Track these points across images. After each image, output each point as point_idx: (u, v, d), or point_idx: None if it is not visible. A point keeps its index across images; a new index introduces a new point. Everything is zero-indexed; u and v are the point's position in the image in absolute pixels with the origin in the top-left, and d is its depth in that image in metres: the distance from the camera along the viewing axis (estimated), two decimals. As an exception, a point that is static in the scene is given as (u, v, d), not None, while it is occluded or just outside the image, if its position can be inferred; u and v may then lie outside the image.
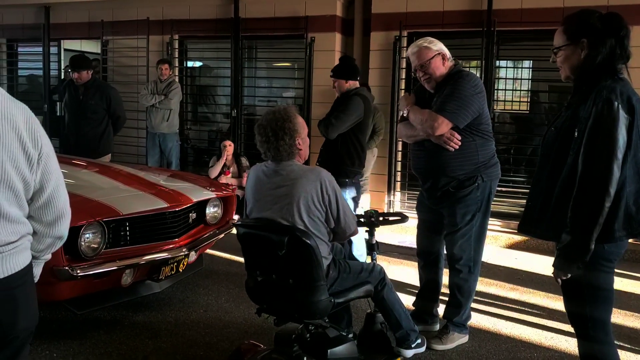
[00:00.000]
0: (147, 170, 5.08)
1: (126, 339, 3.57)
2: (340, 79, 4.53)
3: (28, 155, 1.65)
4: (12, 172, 1.61)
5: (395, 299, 3.20)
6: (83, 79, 5.82)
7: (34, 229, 1.74)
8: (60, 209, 1.77)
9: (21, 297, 1.66)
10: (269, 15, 7.56)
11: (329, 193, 2.71)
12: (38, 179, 1.69)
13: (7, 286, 1.62)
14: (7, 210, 1.62)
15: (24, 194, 1.66)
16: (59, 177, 1.77)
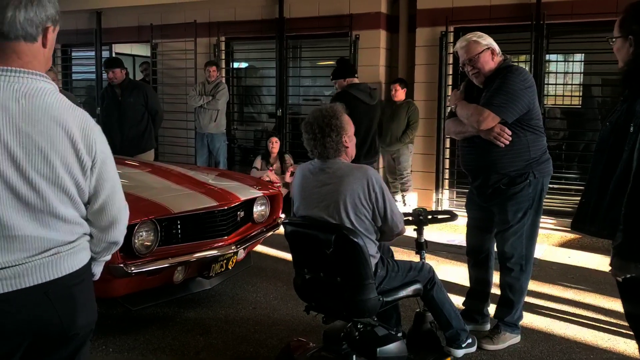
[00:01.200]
0: (196, 169, 5.18)
1: (178, 335, 3.65)
2: (339, 79, 5.21)
3: (82, 162, 1.66)
4: (65, 177, 1.63)
5: (445, 298, 3.17)
6: (117, 77, 6.03)
7: (91, 232, 1.77)
8: (114, 215, 1.79)
9: (79, 295, 1.70)
10: (313, 15, 7.59)
11: (375, 191, 2.70)
12: (92, 185, 1.71)
13: (66, 285, 1.65)
14: (63, 212, 1.65)
15: (79, 197, 1.69)
16: (115, 184, 1.78)
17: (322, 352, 2.86)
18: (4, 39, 1.59)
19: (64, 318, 1.65)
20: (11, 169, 1.56)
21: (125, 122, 6.03)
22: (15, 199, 1.57)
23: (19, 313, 1.58)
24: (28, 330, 1.60)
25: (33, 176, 1.58)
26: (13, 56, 1.60)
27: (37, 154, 1.58)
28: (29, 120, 1.57)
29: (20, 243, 1.58)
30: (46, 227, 1.62)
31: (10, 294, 1.56)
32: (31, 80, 1.62)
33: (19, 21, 1.58)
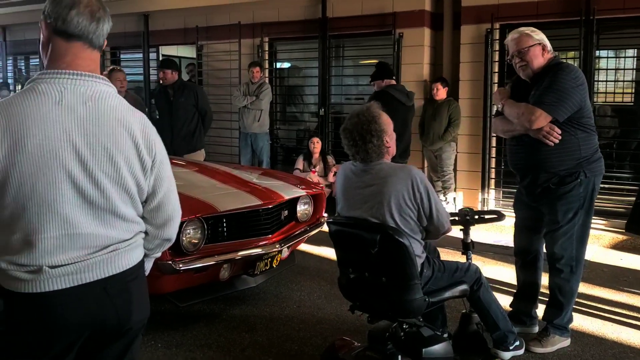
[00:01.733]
0: (241, 168, 5.25)
1: (224, 332, 3.70)
2: (377, 81, 5.56)
3: (143, 161, 1.73)
4: (127, 176, 1.70)
5: (492, 299, 3.12)
6: (168, 78, 6.14)
7: (146, 230, 1.83)
8: (170, 214, 1.85)
9: (135, 290, 1.76)
10: (356, 14, 7.58)
11: (420, 191, 2.67)
12: (151, 184, 1.77)
13: (123, 280, 1.71)
14: (124, 211, 1.71)
15: (138, 196, 1.75)
16: (171, 183, 1.85)
17: (367, 351, 2.85)
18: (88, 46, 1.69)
19: (121, 313, 1.71)
20: (79, 169, 1.62)
21: (176, 121, 6.16)
22: (81, 198, 1.63)
23: (79, 307, 1.64)
24: (87, 324, 1.66)
25: (99, 176, 1.64)
26: (78, 61, 1.68)
27: (103, 154, 1.65)
28: (96, 122, 1.65)
29: (82, 241, 1.64)
30: (107, 226, 1.68)
31: (72, 289, 1.62)
32: (95, 83, 1.68)
33: (103, 33, 1.71)
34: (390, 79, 5.62)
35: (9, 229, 1.60)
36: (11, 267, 1.61)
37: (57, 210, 1.60)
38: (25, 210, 1.58)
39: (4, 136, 1.56)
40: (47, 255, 1.60)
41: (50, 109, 1.60)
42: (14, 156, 1.56)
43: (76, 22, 1.66)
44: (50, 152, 1.59)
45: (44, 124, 1.59)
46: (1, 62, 11.29)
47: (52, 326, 1.62)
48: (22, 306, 1.62)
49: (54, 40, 1.68)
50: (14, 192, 1.57)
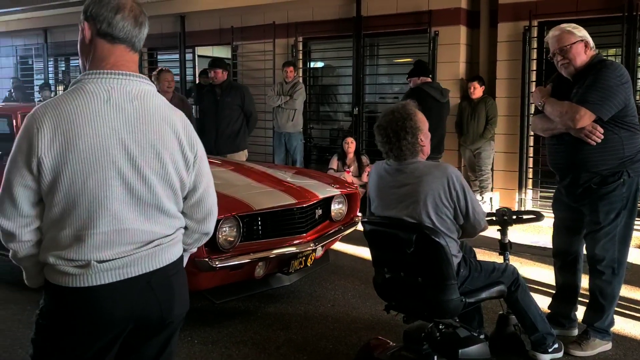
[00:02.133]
0: (275, 167, 5.28)
1: (260, 329, 3.73)
2: (414, 77, 5.86)
3: (186, 157, 1.79)
4: (172, 171, 1.75)
5: (530, 300, 3.06)
6: (219, 78, 6.24)
7: (185, 225, 1.88)
8: (209, 208, 1.90)
9: (176, 284, 1.80)
10: (391, 12, 7.54)
11: (456, 189, 2.65)
12: (192, 179, 1.83)
13: (166, 274, 1.76)
14: (167, 207, 1.76)
15: (180, 192, 1.81)
16: (210, 178, 1.91)
17: (402, 351, 2.84)
18: (130, 49, 1.76)
19: (163, 306, 1.75)
20: (128, 166, 1.67)
21: (221, 121, 6.24)
22: (129, 195, 1.68)
23: (125, 301, 1.68)
24: (132, 318, 1.70)
25: (147, 172, 1.70)
26: (121, 62, 1.73)
27: (150, 151, 1.70)
28: (143, 120, 1.70)
29: (129, 236, 1.69)
30: (151, 221, 1.73)
31: (118, 283, 1.67)
32: (139, 82, 1.74)
33: (143, 37, 1.79)
34: (426, 77, 5.84)
35: (59, 225, 1.65)
36: (59, 262, 1.65)
37: (107, 206, 1.65)
38: (76, 207, 1.63)
39: (55, 135, 1.61)
40: (95, 250, 1.64)
41: (99, 108, 1.65)
42: (66, 154, 1.61)
43: (121, 26, 1.72)
44: (101, 149, 1.63)
45: (94, 123, 1.63)
46: (43, 64, 11.59)
47: (98, 320, 1.66)
48: (69, 300, 1.67)
49: (98, 41, 1.73)
50: (66, 189, 1.62)
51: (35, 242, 1.71)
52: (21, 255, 1.72)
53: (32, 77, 12.10)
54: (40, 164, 1.61)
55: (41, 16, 11.12)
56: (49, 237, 1.69)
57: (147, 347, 1.81)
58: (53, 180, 1.62)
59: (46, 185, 1.63)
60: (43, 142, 1.60)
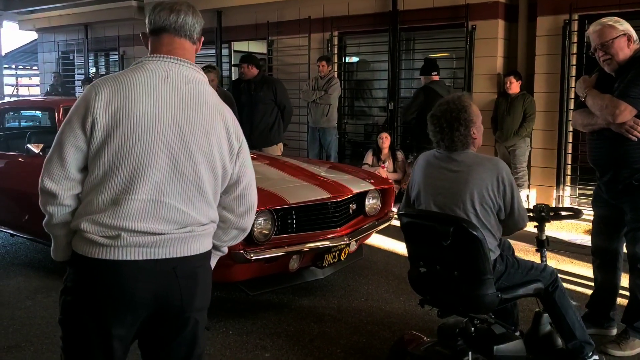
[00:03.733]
0: (309, 162, 5.30)
1: (293, 322, 3.76)
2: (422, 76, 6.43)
3: (231, 146, 1.84)
4: (217, 155, 1.80)
5: (569, 304, 2.96)
6: (246, 73, 6.30)
7: (225, 219, 1.89)
8: (251, 202, 1.94)
9: (201, 277, 1.80)
10: (427, 6, 7.47)
11: (505, 183, 2.64)
12: (236, 170, 1.87)
13: (192, 265, 1.77)
14: (207, 190, 1.79)
15: (222, 180, 1.84)
16: (253, 173, 1.94)
17: (436, 346, 2.82)
18: (174, 35, 1.85)
19: (185, 296, 1.75)
20: (177, 139, 1.73)
21: (255, 115, 6.32)
22: (173, 169, 1.73)
23: (148, 282, 1.69)
24: (152, 301, 1.71)
25: (193, 149, 1.75)
26: (173, 49, 1.85)
27: (200, 130, 1.77)
28: (196, 101, 1.79)
29: (165, 211, 1.71)
30: (189, 203, 1.76)
31: (144, 262, 1.68)
32: (193, 70, 1.85)
33: (187, 23, 1.86)
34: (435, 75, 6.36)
35: (99, 188, 1.69)
36: (91, 228, 1.67)
37: (149, 174, 1.69)
38: (120, 170, 1.68)
39: (112, 99, 1.69)
40: (129, 218, 1.67)
41: (158, 83, 1.75)
42: (120, 117, 1.68)
43: (158, 17, 1.84)
44: (154, 119, 1.71)
45: (151, 94, 1.73)
46: (83, 59, 11.86)
47: (120, 297, 1.67)
48: (93, 273, 1.69)
49: (150, 40, 1.87)
50: (114, 151, 1.68)
51: (73, 208, 1.74)
52: (56, 220, 1.75)
53: (73, 72, 12.39)
54: (94, 124, 1.67)
55: (82, 12, 11.37)
56: (86, 201, 1.71)
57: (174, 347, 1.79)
58: (103, 141, 1.68)
59: (96, 146, 1.68)
60: (100, 104, 1.68)
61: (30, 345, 3.39)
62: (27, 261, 5.14)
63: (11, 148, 5.08)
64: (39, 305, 4.01)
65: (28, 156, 4.64)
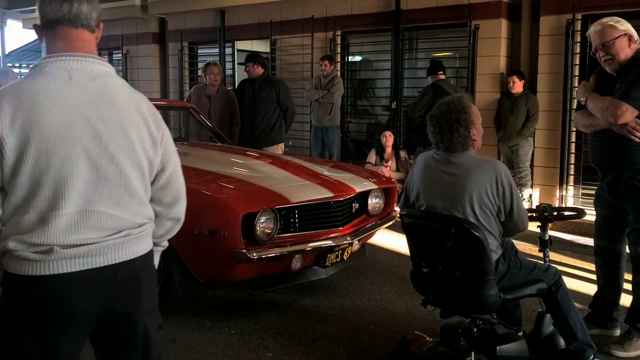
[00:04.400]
0: (312, 161, 5.30)
1: (296, 321, 3.76)
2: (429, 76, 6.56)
3: (152, 136, 1.76)
4: (140, 151, 1.72)
5: (571, 305, 2.96)
6: (251, 72, 6.31)
7: (155, 212, 1.83)
8: (179, 190, 1.87)
9: (145, 279, 1.75)
10: (430, 5, 7.46)
11: (504, 185, 2.63)
12: (160, 159, 1.79)
13: (134, 268, 1.71)
14: (136, 188, 1.72)
15: (149, 174, 1.77)
16: (178, 160, 1.87)
17: (439, 346, 2.83)
18: (71, 26, 1.70)
19: (130, 302, 1.70)
20: (94, 143, 1.63)
21: (257, 114, 6.32)
22: (96, 174, 1.64)
23: (88, 293, 1.62)
24: (95, 312, 1.65)
25: (113, 149, 1.66)
26: (71, 42, 1.71)
27: (117, 128, 1.68)
28: (106, 97, 1.68)
29: (95, 219, 1.63)
30: (120, 206, 1.69)
31: (82, 273, 1.60)
32: (98, 64, 1.72)
33: (82, 12, 1.71)
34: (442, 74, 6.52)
35: (23, 209, 1.59)
36: (20, 247, 1.58)
37: (72, 185, 1.60)
38: (41, 187, 1.58)
39: (17, 114, 1.56)
40: (60, 233, 1.59)
41: (61, 86, 1.63)
42: (29, 132, 1.56)
43: (50, 8, 1.70)
44: (65, 126, 1.60)
45: (57, 100, 1.61)
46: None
47: (58, 313, 1.60)
48: (28, 291, 1.59)
49: (45, 35, 1.74)
50: (30, 169, 1.57)
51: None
52: None
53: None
54: (3, 145, 1.55)
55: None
56: (10, 223, 1.61)
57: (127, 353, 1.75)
58: (17, 161, 1.57)
59: (9, 167, 1.57)
60: (4, 123, 1.55)
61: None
62: None
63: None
64: None
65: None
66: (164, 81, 10.92)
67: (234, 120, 6.57)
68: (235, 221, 3.39)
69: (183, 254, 3.58)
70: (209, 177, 4.01)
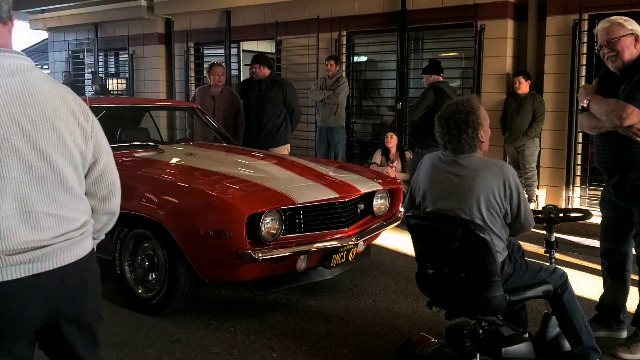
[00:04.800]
0: (317, 162, 5.30)
1: (301, 322, 3.76)
2: (426, 74, 6.31)
3: (82, 128, 1.72)
4: (71, 145, 1.67)
5: (577, 308, 2.94)
6: (257, 73, 6.31)
7: (91, 207, 1.81)
8: (113, 182, 1.84)
9: (90, 279, 1.76)
10: (436, 6, 7.45)
11: (511, 187, 2.63)
12: (91, 151, 1.76)
13: (80, 269, 1.71)
14: (72, 184, 1.69)
15: (82, 168, 1.74)
16: (110, 152, 1.84)
17: (444, 348, 2.82)
18: None
19: (77, 302, 1.70)
20: (23, 141, 1.57)
21: (263, 115, 6.33)
22: (28, 173, 1.59)
23: (36, 298, 1.61)
24: (44, 316, 1.65)
25: (44, 146, 1.61)
26: None
27: (44, 124, 1.62)
28: (30, 92, 1.61)
29: (34, 220, 1.60)
30: (57, 203, 1.65)
31: (29, 278, 1.59)
32: (15, 57, 1.64)
33: None
34: (438, 75, 6.30)
35: None
36: None
37: (5, 188, 1.55)
38: None
39: None
40: (1, 239, 1.55)
41: None
42: None
43: None
44: None
45: None
46: (93, 58, 11.92)
47: (9, 318, 1.58)
48: None
49: None
50: None
51: None
52: None
53: (83, 71, 12.47)
54: None
55: (92, 11, 11.43)
56: None
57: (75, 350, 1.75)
58: None
59: None
60: None
61: (40, 344, 3.41)
62: None
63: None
64: None
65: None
66: (170, 82, 10.95)
67: (239, 120, 6.58)
68: (240, 221, 3.40)
69: (188, 254, 3.58)
70: (215, 178, 4.01)
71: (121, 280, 3.98)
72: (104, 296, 4.02)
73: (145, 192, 3.81)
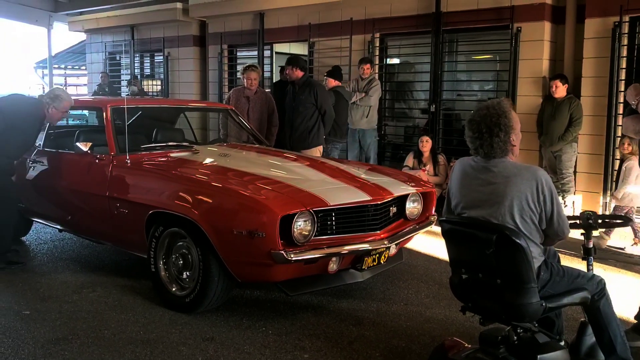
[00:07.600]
0: (349, 164, 5.29)
1: (332, 323, 3.76)
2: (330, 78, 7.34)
3: None
4: None
5: (613, 316, 2.86)
6: (290, 75, 6.36)
7: None
8: None
9: None
10: (471, 8, 7.38)
11: (544, 193, 2.57)
12: None
13: None
14: None
15: None
16: None
17: (478, 353, 2.78)
18: None
19: None
20: None
21: (296, 117, 6.35)
22: None
23: None
24: None
25: None
26: None
27: None
28: None
29: None
30: None
31: None
32: None
33: None
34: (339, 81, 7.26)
35: None
36: None
37: None
38: None
39: None
40: None
41: None
42: None
43: None
44: None
45: None
46: (129, 60, 12.14)
47: None
48: None
49: None
50: None
51: None
52: None
53: (119, 72, 12.71)
54: None
55: (129, 14, 11.66)
56: None
57: None
58: None
59: None
60: None
61: (77, 339, 3.48)
62: (74, 256, 5.29)
63: (60, 146, 5.23)
64: (85, 300, 4.12)
65: (76, 154, 4.78)
66: (204, 83, 11.09)
67: (273, 120, 6.63)
68: (273, 222, 3.42)
69: (222, 253, 3.62)
70: (248, 178, 4.04)
71: (156, 278, 4.04)
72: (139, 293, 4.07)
73: (180, 192, 3.87)
